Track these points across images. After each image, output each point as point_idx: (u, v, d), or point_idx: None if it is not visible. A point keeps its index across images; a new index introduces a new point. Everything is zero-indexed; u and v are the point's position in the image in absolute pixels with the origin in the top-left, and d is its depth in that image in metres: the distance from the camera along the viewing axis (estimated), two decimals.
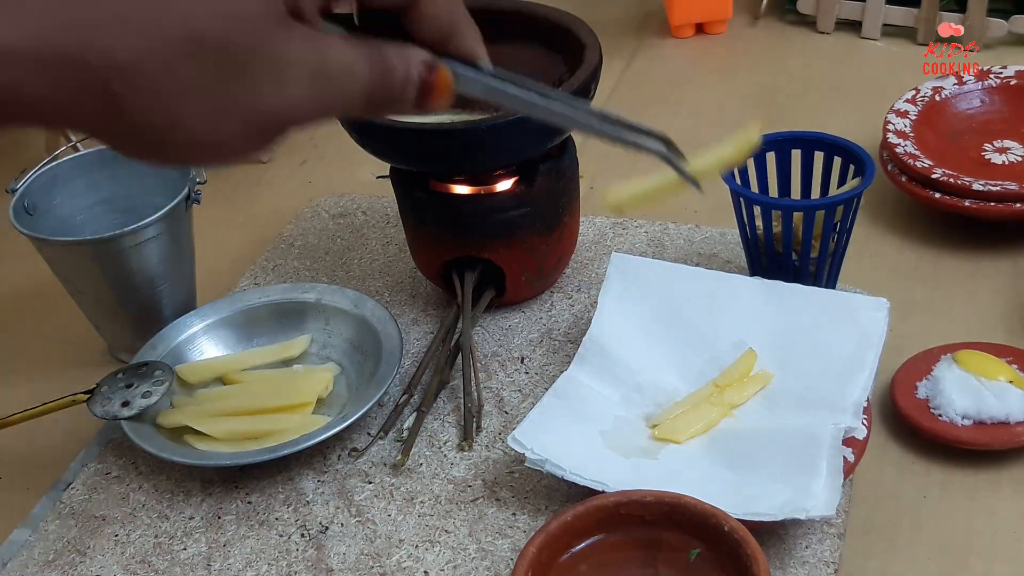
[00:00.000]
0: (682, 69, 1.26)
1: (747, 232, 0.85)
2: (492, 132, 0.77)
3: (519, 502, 0.73)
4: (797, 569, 0.67)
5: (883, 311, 0.78)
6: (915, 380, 0.78)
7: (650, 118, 1.26)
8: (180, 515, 0.76)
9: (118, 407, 0.79)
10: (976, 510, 0.72)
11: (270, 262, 0.98)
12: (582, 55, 0.81)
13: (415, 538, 0.72)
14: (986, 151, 0.99)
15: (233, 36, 0.40)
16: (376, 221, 1.02)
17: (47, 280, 0.88)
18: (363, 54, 0.44)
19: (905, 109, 1.00)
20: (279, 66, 0.42)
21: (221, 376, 0.85)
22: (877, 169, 0.88)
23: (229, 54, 0.40)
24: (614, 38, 1.27)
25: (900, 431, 0.77)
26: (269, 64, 0.41)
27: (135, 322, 0.88)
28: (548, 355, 0.85)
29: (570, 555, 0.64)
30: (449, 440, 0.79)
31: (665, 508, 0.64)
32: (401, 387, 0.82)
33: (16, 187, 0.87)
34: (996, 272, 0.90)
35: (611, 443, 0.74)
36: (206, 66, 0.40)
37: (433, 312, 0.90)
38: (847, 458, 0.69)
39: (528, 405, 0.79)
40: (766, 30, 1.31)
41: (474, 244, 0.85)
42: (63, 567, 0.73)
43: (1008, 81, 1.04)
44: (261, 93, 0.42)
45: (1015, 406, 0.74)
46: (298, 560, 0.72)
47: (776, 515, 0.65)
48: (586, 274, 0.92)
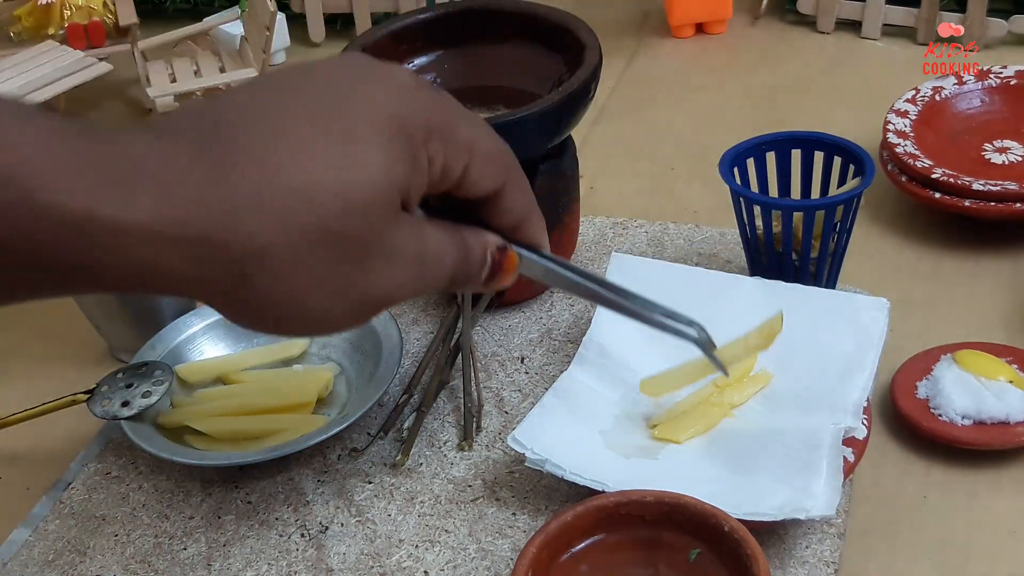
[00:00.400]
0: (682, 69, 1.26)
1: (747, 232, 0.84)
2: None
3: (519, 502, 0.73)
4: (797, 569, 0.67)
5: (883, 311, 0.78)
6: (915, 380, 0.78)
7: (650, 118, 1.26)
8: (180, 515, 0.76)
9: (118, 407, 0.79)
10: (976, 510, 0.72)
11: None
12: (582, 55, 0.81)
13: (415, 538, 0.72)
14: (986, 151, 0.99)
15: (356, 228, 0.43)
16: None
17: None
18: (451, 240, 0.47)
19: (905, 109, 1.00)
20: (391, 255, 0.44)
21: (221, 376, 0.85)
22: (877, 169, 0.88)
23: (352, 244, 0.43)
24: (614, 38, 1.27)
25: (900, 431, 0.77)
26: (383, 253, 0.44)
27: (135, 322, 0.88)
28: (548, 355, 0.85)
29: (570, 555, 0.64)
30: (449, 440, 0.79)
31: (665, 508, 0.64)
32: (401, 387, 0.82)
33: None
34: (996, 272, 0.90)
35: (611, 443, 0.74)
36: (330, 253, 0.43)
37: (433, 312, 0.90)
38: (847, 458, 0.69)
39: (528, 405, 0.79)
40: (766, 30, 1.31)
41: None
42: (63, 567, 0.73)
43: (1008, 81, 1.04)
44: (373, 279, 0.44)
45: (1015, 406, 0.74)
46: (298, 560, 0.72)
47: (776, 515, 0.65)
48: None
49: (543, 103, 0.78)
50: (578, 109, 0.81)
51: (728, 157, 0.85)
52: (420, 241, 0.46)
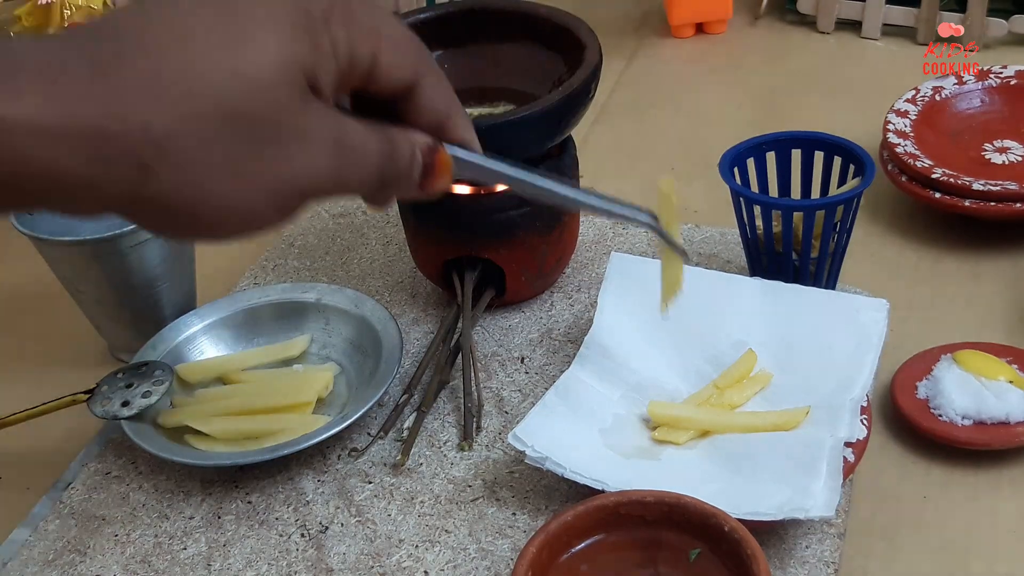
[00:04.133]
0: (682, 69, 1.26)
1: (747, 232, 0.84)
2: (492, 132, 0.77)
3: (519, 502, 0.73)
4: (797, 569, 0.67)
5: (883, 311, 0.78)
6: (915, 380, 0.78)
7: (650, 118, 1.26)
8: (180, 515, 0.76)
9: (118, 407, 0.79)
10: (976, 510, 0.72)
11: (270, 262, 0.98)
12: (582, 55, 0.81)
13: (415, 538, 0.72)
14: (986, 151, 0.99)
15: (260, 106, 0.42)
16: (376, 221, 1.02)
17: (47, 280, 0.88)
18: (374, 134, 0.46)
19: (905, 109, 1.00)
20: (302, 135, 0.43)
21: (221, 376, 0.85)
22: (877, 169, 0.88)
23: (257, 125, 0.42)
24: (614, 38, 1.27)
25: (900, 431, 0.77)
26: (294, 136, 0.43)
27: (135, 322, 0.88)
28: (548, 355, 0.85)
29: (570, 555, 0.64)
30: (449, 440, 0.79)
31: (665, 508, 0.64)
32: (401, 387, 0.82)
33: None
34: (996, 272, 0.90)
35: (611, 442, 0.74)
36: (235, 136, 0.41)
37: (433, 312, 0.90)
38: (847, 458, 0.69)
39: (528, 405, 0.79)
40: (766, 30, 1.31)
41: (474, 244, 0.85)
42: (63, 567, 0.73)
43: (1008, 81, 1.04)
44: (286, 163, 0.43)
45: (1015, 406, 0.74)
46: (298, 560, 0.72)
47: (776, 515, 0.65)
48: (586, 274, 0.92)
49: (543, 103, 0.78)
50: (578, 109, 0.81)
51: (728, 157, 0.85)
52: (337, 128, 0.45)
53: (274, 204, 0.44)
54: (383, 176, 0.47)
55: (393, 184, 0.47)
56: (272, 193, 0.43)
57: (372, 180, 0.47)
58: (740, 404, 0.76)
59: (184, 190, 0.41)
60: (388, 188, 0.47)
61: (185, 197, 0.42)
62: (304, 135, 0.43)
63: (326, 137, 0.44)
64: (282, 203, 0.44)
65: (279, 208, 0.44)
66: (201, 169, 0.41)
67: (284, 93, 0.42)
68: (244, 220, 0.44)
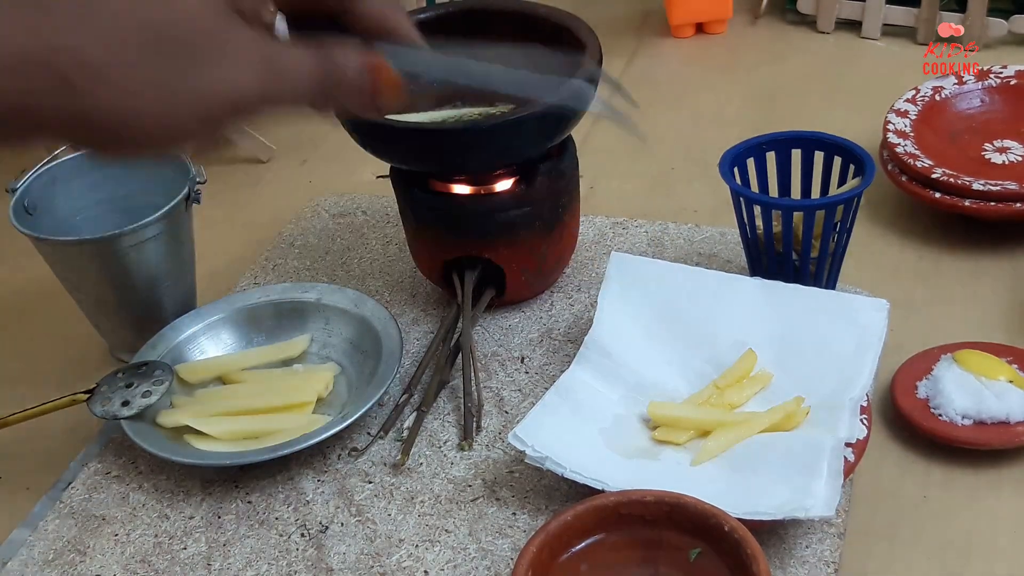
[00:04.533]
0: (682, 69, 1.26)
1: (747, 232, 0.84)
2: (492, 132, 0.77)
3: (519, 502, 0.73)
4: (797, 569, 0.67)
5: (883, 312, 0.78)
6: (915, 380, 0.78)
7: (650, 118, 1.26)
8: (180, 515, 0.76)
9: (118, 407, 0.79)
10: (976, 510, 0.72)
11: (270, 262, 0.98)
12: (582, 55, 0.81)
13: (415, 538, 0.72)
14: (986, 151, 0.99)
15: (181, 25, 0.45)
16: (376, 221, 1.02)
17: (47, 280, 0.88)
18: (311, 52, 0.49)
19: (905, 109, 1.00)
20: (224, 55, 0.47)
21: (221, 376, 0.85)
22: (877, 169, 0.88)
23: (180, 45, 0.45)
24: (614, 38, 1.27)
25: (900, 431, 0.77)
26: (217, 52, 0.46)
27: (135, 322, 0.88)
28: (548, 355, 0.85)
29: (570, 555, 0.64)
30: (449, 440, 0.79)
31: (665, 508, 0.64)
32: (401, 387, 0.82)
33: (16, 187, 0.87)
34: (996, 272, 0.90)
35: (611, 442, 0.74)
36: (159, 57, 0.45)
37: (433, 312, 0.90)
38: (847, 458, 0.69)
39: (528, 405, 0.79)
40: (766, 30, 1.31)
41: (474, 244, 0.85)
42: (63, 567, 0.73)
43: (1008, 81, 1.04)
44: (209, 80, 0.46)
45: (1015, 406, 0.74)
46: (298, 560, 0.72)
47: (776, 515, 0.65)
48: (586, 274, 0.92)
49: (543, 103, 0.78)
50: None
51: (728, 157, 0.85)
52: (266, 47, 0.48)
53: (199, 118, 0.47)
54: (324, 89, 0.50)
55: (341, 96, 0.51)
56: (197, 108, 0.47)
57: (309, 95, 0.50)
58: (740, 404, 0.76)
59: (112, 107, 0.45)
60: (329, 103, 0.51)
61: (113, 114, 0.45)
62: (226, 55, 0.47)
63: (253, 55, 0.47)
64: (207, 116, 0.47)
65: (204, 121, 0.47)
66: (129, 88, 0.45)
67: (206, 16, 0.46)
68: (171, 134, 0.47)
